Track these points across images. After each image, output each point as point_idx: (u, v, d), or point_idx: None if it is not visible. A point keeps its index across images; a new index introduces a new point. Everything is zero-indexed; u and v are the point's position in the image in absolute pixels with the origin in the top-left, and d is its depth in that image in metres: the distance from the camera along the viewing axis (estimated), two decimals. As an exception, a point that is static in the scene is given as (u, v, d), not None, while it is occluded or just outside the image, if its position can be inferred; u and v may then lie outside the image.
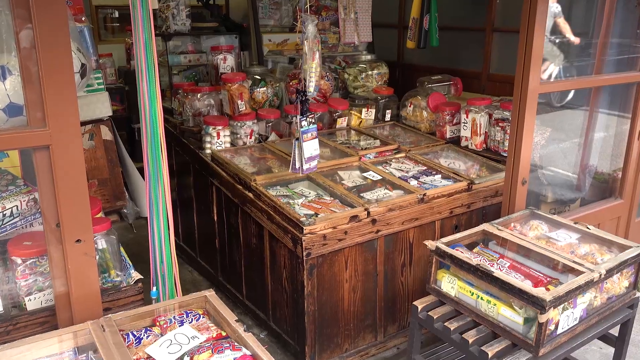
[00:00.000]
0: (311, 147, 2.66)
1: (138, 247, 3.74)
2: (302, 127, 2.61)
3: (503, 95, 4.03)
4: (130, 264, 2.25)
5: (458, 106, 3.66)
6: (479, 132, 3.45)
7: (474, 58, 4.52)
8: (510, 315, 2.04)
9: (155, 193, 2.17)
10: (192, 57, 4.31)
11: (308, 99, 2.65)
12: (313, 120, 2.66)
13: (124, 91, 5.90)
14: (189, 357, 1.71)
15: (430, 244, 2.30)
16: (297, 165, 2.67)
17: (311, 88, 2.66)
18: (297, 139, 2.63)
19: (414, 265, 2.92)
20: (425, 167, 3.23)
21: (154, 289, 2.23)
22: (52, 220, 1.77)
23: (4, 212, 1.94)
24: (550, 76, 3.17)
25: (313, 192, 2.91)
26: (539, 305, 1.94)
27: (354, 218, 2.64)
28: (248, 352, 1.71)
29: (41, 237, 1.90)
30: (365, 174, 3.11)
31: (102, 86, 2.96)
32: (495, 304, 2.09)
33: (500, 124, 3.38)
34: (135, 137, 5.44)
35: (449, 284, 2.24)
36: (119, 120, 5.20)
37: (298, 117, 2.62)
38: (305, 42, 2.60)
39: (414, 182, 3.01)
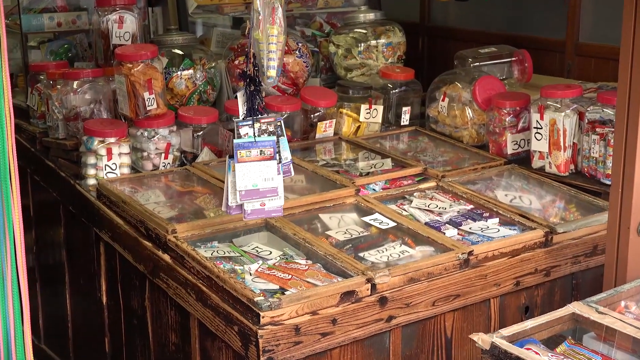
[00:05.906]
0: (258, 173, 2.65)
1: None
2: (240, 138, 2.63)
3: (602, 80, 4.09)
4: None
5: (526, 99, 3.71)
6: (562, 143, 3.49)
7: (551, 18, 4.59)
8: None
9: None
10: (63, 19, 4.32)
11: (259, 89, 2.67)
12: (271, 128, 2.67)
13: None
14: None
15: (482, 339, 2.30)
16: (231, 201, 2.67)
17: (271, 72, 2.69)
18: (231, 157, 2.65)
19: (454, 377, 2.93)
20: (472, 206, 3.26)
21: None
22: None
23: None
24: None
25: (276, 250, 2.91)
26: None
27: (348, 296, 2.64)
28: None
29: None
30: (367, 219, 3.13)
31: None
32: None
33: (598, 129, 3.42)
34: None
35: (516, 409, 2.24)
36: None
37: (235, 120, 2.64)
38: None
39: (452, 232, 3.04)
